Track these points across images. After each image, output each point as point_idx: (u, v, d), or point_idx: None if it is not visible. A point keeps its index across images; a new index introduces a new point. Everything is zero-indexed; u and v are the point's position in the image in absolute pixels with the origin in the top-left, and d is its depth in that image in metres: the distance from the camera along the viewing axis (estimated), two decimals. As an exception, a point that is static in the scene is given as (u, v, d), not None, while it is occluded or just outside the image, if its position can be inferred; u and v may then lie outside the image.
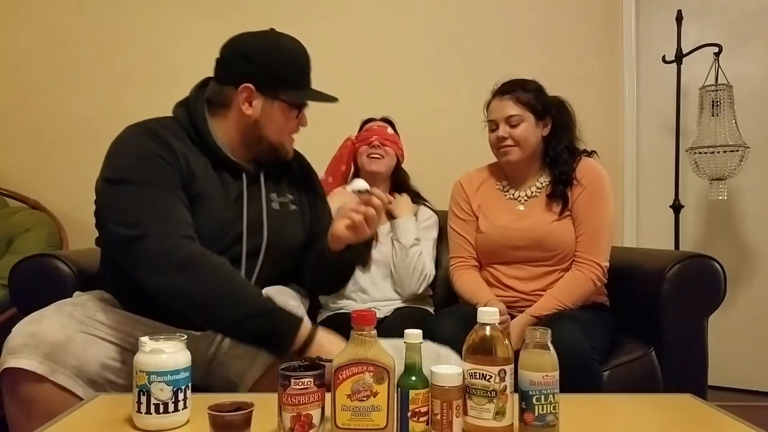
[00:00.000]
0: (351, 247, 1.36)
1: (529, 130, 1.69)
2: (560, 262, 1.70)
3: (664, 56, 2.66)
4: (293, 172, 1.47)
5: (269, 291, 1.26)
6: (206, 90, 1.36)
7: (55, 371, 1.13)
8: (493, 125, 1.74)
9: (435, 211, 2.08)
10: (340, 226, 1.33)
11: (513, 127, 1.68)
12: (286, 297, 1.30)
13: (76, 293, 1.38)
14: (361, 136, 2.05)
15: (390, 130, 2.06)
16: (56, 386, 1.13)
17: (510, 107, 1.69)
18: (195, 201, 1.26)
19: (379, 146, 1.99)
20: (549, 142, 1.74)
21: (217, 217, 1.28)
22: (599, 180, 1.69)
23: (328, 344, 1.16)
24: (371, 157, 1.99)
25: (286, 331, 1.16)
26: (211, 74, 1.37)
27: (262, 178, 1.38)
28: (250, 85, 1.29)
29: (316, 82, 1.40)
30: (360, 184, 1.36)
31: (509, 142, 1.69)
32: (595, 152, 1.78)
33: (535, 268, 1.70)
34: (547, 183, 1.74)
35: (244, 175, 1.35)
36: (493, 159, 1.85)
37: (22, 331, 1.15)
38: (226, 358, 1.28)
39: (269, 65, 1.30)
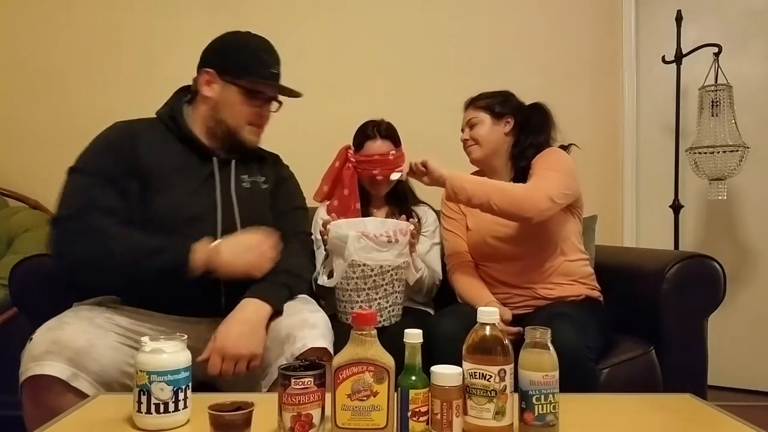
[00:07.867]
0: None
1: (486, 129, 1.80)
2: (549, 253, 1.71)
3: (663, 56, 2.66)
4: (265, 160, 1.58)
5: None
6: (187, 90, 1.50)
7: (77, 377, 1.13)
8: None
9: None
10: None
11: (472, 128, 1.81)
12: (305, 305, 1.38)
13: (75, 305, 1.37)
14: (362, 162, 1.88)
15: (392, 149, 1.89)
16: (78, 393, 1.12)
17: (469, 114, 1.84)
18: (158, 183, 1.35)
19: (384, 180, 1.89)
20: (517, 140, 1.82)
21: (181, 198, 1.36)
22: (549, 152, 1.74)
23: (228, 255, 1.28)
24: (375, 183, 1.91)
25: (181, 259, 1.25)
26: None
27: (233, 163, 1.47)
28: (210, 69, 1.43)
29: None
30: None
31: (470, 142, 1.82)
32: (574, 144, 1.82)
33: (524, 261, 1.72)
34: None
35: (214, 159, 1.44)
36: None
37: (44, 338, 1.14)
38: None
39: (229, 54, 1.45)
